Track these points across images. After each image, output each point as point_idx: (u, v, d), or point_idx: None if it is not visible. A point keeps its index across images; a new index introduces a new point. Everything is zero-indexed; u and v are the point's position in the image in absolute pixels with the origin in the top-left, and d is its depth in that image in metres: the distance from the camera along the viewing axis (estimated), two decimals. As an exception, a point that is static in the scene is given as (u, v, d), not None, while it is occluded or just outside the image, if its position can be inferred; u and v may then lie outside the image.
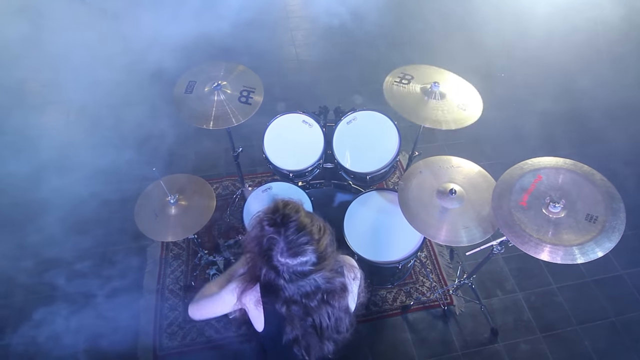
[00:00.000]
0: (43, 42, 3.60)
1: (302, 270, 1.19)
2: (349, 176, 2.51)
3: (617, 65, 4.15)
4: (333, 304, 1.28)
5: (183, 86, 2.30)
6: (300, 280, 1.21)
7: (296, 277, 1.20)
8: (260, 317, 1.33)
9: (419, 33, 4.48)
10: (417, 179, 2.11)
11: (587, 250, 1.61)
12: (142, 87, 3.33)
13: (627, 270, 2.86)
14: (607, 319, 2.67)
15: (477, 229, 1.93)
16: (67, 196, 2.88)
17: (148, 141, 3.19)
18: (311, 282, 1.22)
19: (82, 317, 2.58)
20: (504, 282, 2.81)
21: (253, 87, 2.32)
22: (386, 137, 2.46)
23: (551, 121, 3.71)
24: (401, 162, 3.33)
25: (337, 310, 1.30)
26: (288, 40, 4.50)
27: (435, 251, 2.95)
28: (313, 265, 1.19)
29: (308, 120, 2.49)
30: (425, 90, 2.29)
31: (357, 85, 3.96)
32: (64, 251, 2.84)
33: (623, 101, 3.81)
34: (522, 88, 3.97)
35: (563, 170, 1.81)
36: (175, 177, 2.26)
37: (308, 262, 1.18)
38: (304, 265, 1.18)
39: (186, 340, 2.52)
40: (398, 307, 2.68)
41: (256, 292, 1.31)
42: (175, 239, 2.11)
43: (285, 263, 1.18)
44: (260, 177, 3.29)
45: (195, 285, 2.70)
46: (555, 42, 4.31)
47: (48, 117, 3.69)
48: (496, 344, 2.56)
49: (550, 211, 1.71)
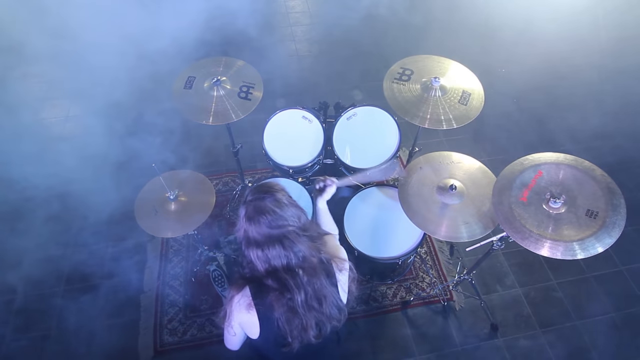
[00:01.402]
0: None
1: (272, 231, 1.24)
2: (349, 172, 2.51)
3: (620, 60, 4.13)
4: (314, 279, 1.29)
5: (182, 81, 2.29)
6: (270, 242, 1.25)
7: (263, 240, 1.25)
8: (254, 322, 1.32)
9: (419, 28, 4.45)
10: (417, 174, 2.10)
11: (588, 245, 1.60)
12: (140, 82, 3.31)
13: (627, 266, 2.87)
14: (607, 314, 2.68)
15: (477, 225, 1.93)
16: (65, 194, 2.88)
17: (148, 137, 3.18)
18: (290, 253, 1.26)
19: (82, 316, 2.60)
20: (503, 277, 2.82)
21: (253, 82, 2.31)
22: (386, 133, 2.46)
23: (552, 117, 3.70)
24: (401, 158, 3.33)
25: (321, 287, 1.31)
26: (288, 35, 4.49)
27: (435, 247, 2.96)
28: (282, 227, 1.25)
29: (308, 116, 2.48)
30: (425, 87, 2.27)
31: (357, 81, 3.95)
32: (62, 248, 2.86)
33: (626, 96, 3.79)
34: (522, 84, 3.96)
35: (563, 165, 1.80)
36: (174, 173, 2.26)
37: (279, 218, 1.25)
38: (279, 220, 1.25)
39: (187, 336, 2.53)
40: (398, 303, 2.68)
41: (246, 296, 1.31)
42: (175, 235, 2.11)
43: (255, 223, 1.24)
44: (260, 173, 3.29)
45: (195, 282, 2.71)
46: (556, 36, 4.29)
47: (47, 113, 3.68)
48: (496, 339, 2.56)
49: (551, 207, 1.70)
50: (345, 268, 1.40)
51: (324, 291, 1.31)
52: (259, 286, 1.31)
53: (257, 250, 1.26)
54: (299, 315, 1.29)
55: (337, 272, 1.37)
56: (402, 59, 2.40)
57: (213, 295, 2.66)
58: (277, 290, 1.28)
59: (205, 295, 2.67)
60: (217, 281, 2.64)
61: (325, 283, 1.32)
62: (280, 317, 1.29)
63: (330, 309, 1.34)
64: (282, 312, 1.28)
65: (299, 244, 1.27)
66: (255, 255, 1.27)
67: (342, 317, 1.39)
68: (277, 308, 1.28)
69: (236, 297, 1.32)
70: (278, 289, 1.28)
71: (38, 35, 3.16)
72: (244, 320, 1.34)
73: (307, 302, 1.29)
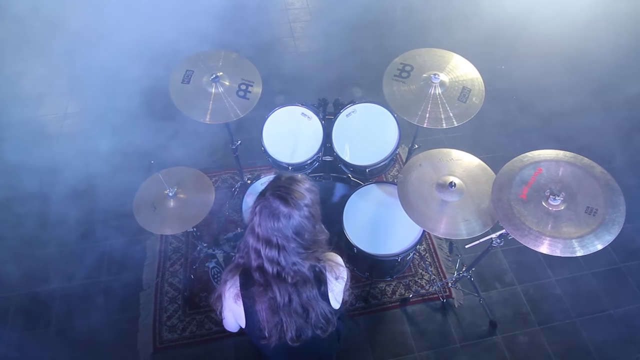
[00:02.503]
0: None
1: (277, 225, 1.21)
2: (349, 169, 2.50)
3: (620, 57, 4.13)
4: (303, 289, 1.27)
5: (180, 75, 2.24)
6: (268, 237, 1.23)
7: (267, 236, 1.22)
8: (240, 312, 1.33)
9: (418, 25, 4.44)
10: (417, 171, 2.10)
11: (587, 243, 1.60)
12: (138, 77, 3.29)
13: (626, 263, 2.87)
14: (605, 311, 2.68)
15: (477, 222, 1.93)
16: (64, 191, 2.87)
17: (146, 133, 3.17)
18: (285, 254, 1.24)
19: (81, 313, 2.59)
20: (502, 274, 2.82)
21: (251, 79, 2.29)
22: (386, 129, 2.45)
23: (551, 114, 3.70)
24: (401, 155, 3.33)
25: (310, 298, 1.29)
26: (287, 32, 4.47)
27: (435, 244, 2.96)
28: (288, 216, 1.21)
29: (307, 113, 2.47)
30: (425, 83, 2.26)
31: (357, 78, 3.94)
32: (60, 245, 2.85)
33: (625, 94, 3.79)
34: (521, 81, 3.95)
35: (563, 162, 1.80)
36: (173, 170, 2.25)
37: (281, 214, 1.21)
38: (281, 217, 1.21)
39: (186, 333, 2.53)
40: (397, 300, 2.69)
41: (235, 287, 1.31)
42: (174, 232, 2.11)
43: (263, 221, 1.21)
44: (259, 170, 3.28)
45: (194, 279, 2.70)
46: (556, 32, 4.28)
47: (45, 109, 3.67)
48: (495, 336, 2.57)
49: (550, 204, 1.70)
50: (342, 277, 1.36)
51: (312, 302, 1.29)
52: (247, 277, 1.30)
53: (254, 241, 1.25)
54: (279, 315, 1.28)
55: (331, 281, 1.33)
56: (402, 54, 2.38)
57: (212, 292, 2.66)
58: (261, 286, 1.27)
59: (204, 292, 2.67)
60: (216, 278, 2.63)
61: (315, 294, 1.30)
62: (260, 311, 1.28)
63: (316, 318, 1.31)
64: (263, 307, 1.28)
65: (296, 257, 1.26)
66: (251, 246, 1.26)
67: (328, 327, 1.35)
68: (258, 303, 1.28)
69: (228, 283, 1.33)
70: (263, 284, 1.27)
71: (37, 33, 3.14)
72: (232, 309, 1.35)
73: (290, 306, 1.28)
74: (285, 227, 1.22)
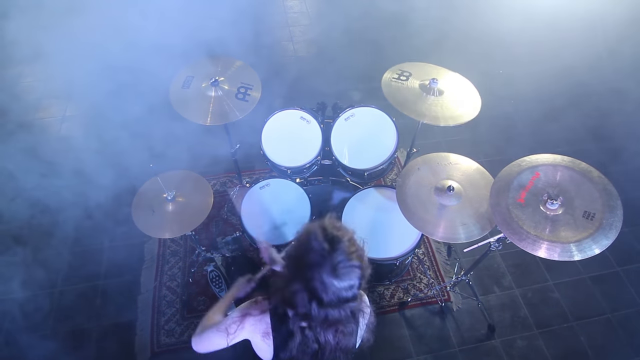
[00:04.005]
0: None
1: (345, 295, 1.13)
2: (347, 173, 2.51)
3: (617, 61, 4.15)
4: (344, 336, 1.25)
5: (180, 81, 2.28)
6: (335, 306, 1.15)
7: (334, 302, 1.14)
8: (267, 349, 1.29)
9: (417, 29, 4.46)
10: (415, 175, 2.11)
11: (584, 247, 1.61)
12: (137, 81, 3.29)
13: (623, 267, 2.88)
14: (603, 315, 2.69)
15: (475, 226, 1.93)
16: (61, 194, 2.86)
17: (144, 137, 3.17)
18: (341, 311, 1.17)
19: (78, 317, 2.58)
20: (501, 278, 2.82)
21: (251, 83, 2.31)
22: (384, 133, 2.46)
23: (549, 118, 3.71)
24: (399, 159, 3.34)
25: (344, 341, 1.27)
26: (286, 36, 4.48)
27: (433, 248, 2.96)
28: (355, 291, 1.15)
29: (306, 117, 2.48)
30: (423, 86, 2.29)
31: (355, 82, 3.95)
32: (58, 249, 2.84)
33: (623, 99, 3.81)
34: (520, 85, 3.97)
35: (561, 167, 1.81)
36: (172, 174, 2.25)
37: (353, 286, 1.14)
38: (348, 290, 1.13)
39: (184, 337, 2.52)
40: (395, 304, 2.68)
41: (265, 323, 1.27)
42: (173, 235, 2.10)
43: (330, 283, 1.10)
44: (258, 174, 3.28)
45: (192, 282, 2.70)
46: (554, 37, 4.31)
47: (45, 112, 3.66)
48: (493, 340, 2.57)
49: (548, 208, 1.71)
50: (367, 313, 1.35)
51: (340, 344, 1.27)
52: (281, 321, 1.24)
53: (308, 297, 1.14)
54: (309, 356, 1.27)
55: (361, 325, 1.33)
56: (400, 64, 2.41)
57: (210, 296, 2.65)
58: (300, 336, 1.23)
59: (202, 296, 2.67)
60: (215, 282, 2.63)
61: (354, 344, 1.30)
62: (292, 349, 1.25)
63: (338, 355, 1.30)
64: (294, 348, 1.25)
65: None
66: (301, 298, 1.15)
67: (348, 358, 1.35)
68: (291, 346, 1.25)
69: (252, 319, 1.27)
70: (301, 339, 1.23)
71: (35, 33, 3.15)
72: (254, 342, 1.31)
73: (323, 355, 1.27)
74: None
